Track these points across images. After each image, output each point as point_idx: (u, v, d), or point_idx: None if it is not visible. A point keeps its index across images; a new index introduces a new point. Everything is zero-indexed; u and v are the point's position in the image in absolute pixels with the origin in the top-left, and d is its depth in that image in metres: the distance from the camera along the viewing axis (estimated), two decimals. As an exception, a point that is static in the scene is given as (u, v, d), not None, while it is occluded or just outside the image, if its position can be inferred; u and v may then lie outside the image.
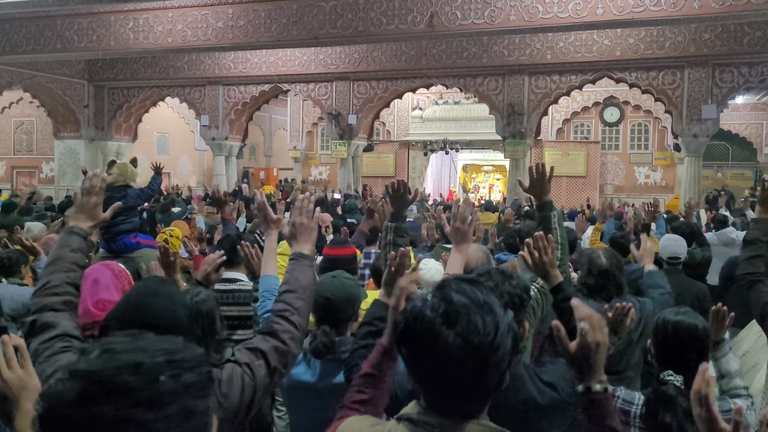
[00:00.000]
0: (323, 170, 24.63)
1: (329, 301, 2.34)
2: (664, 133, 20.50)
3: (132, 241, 4.79)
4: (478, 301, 1.17)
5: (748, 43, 12.29)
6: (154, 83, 17.17)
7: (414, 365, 1.18)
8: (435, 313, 1.15)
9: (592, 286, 2.86)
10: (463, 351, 1.12)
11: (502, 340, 1.15)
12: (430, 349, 1.14)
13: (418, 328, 1.16)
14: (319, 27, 11.62)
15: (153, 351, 0.85)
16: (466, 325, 1.13)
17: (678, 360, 2.12)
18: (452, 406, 1.18)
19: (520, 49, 13.85)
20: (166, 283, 1.90)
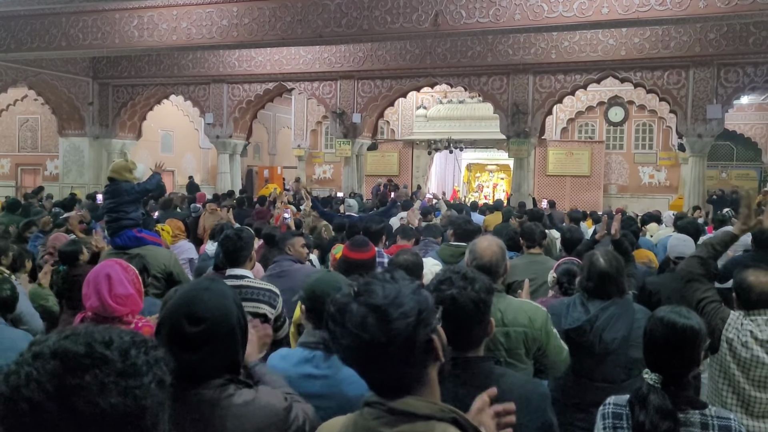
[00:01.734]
0: (327, 169, 24.65)
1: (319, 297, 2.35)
2: (669, 133, 20.46)
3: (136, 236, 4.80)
4: (384, 279, 1.27)
5: (753, 43, 12.26)
6: (159, 81, 17.20)
7: (337, 345, 1.26)
8: (345, 297, 1.27)
9: (592, 289, 2.85)
10: (366, 315, 1.21)
11: (404, 299, 1.23)
12: (341, 322, 1.23)
13: (331, 309, 1.27)
14: (323, 25, 11.62)
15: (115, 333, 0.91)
16: (368, 294, 1.24)
17: (658, 359, 2.12)
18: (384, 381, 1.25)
19: (524, 49, 13.83)
20: (216, 281, 1.92)
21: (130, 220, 4.80)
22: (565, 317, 2.85)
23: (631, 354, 2.75)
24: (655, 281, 4.52)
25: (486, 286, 1.97)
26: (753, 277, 2.78)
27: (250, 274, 3.63)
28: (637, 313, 2.84)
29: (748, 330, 2.69)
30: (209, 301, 1.71)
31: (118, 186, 4.89)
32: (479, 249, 2.86)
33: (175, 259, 4.79)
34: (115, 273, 2.52)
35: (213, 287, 1.79)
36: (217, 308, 1.71)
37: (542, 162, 18.85)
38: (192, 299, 1.73)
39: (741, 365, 2.70)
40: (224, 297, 1.76)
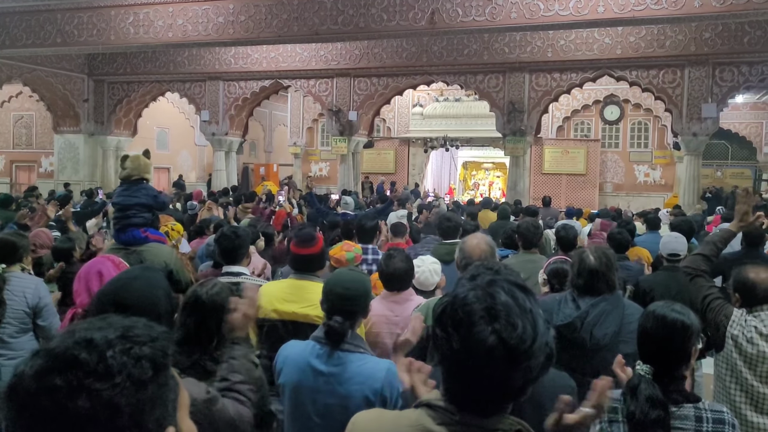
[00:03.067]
0: (323, 166, 24.65)
1: (348, 291, 2.36)
2: (664, 132, 20.51)
3: (141, 235, 4.81)
4: (523, 307, 1.17)
5: (748, 42, 12.30)
6: (154, 78, 17.17)
7: (446, 349, 1.18)
8: (479, 304, 1.16)
9: (582, 286, 2.87)
10: (495, 348, 1.12)
11: (538, 351, 1.14)
12: (465, 337, 1.14)
13: (459, 314, 1.16)
14: (320, 23, 11.61)
15: (110, 329, 0.93)
16: (505, 324, 1.13)
17: (652, 352, 2.14)
18: (469, 400, 1.19)
19: (521, 47, 13.85)
20: (150, 269, 1.96)
21: (141, 218, 4.81)
22: (557, 314, 2.87)
23: (622, 349, 2.76)
24: (649, 279, 4.55)
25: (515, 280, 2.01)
26: (755, 275, 2.81)
27: (246, 271, 3.65)
28: (627, 308, 2.86)
29: (752, 326, 2.71)
30: (137, 289, 1.78)
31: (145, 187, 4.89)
32: (468, 248, 2.87)
33: (176, 257, 4.81)
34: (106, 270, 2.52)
35: (143, 276, 1.85)
36: (145, 296, 1.77)
37: (538, 160, 18.88)
38: (120, 286, 1.80)
39: (747, 361, 2.71)
40: (153, 286, 1.81)
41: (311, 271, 3.23)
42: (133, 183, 4.84)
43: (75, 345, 0.89)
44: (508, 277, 1.26)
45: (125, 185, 4.86)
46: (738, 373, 2.74)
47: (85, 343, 0.89)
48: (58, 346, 0.89)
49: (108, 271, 2.68)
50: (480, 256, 2.78)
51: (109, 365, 0.88)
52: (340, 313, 2.32)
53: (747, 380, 2.71)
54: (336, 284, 2.40)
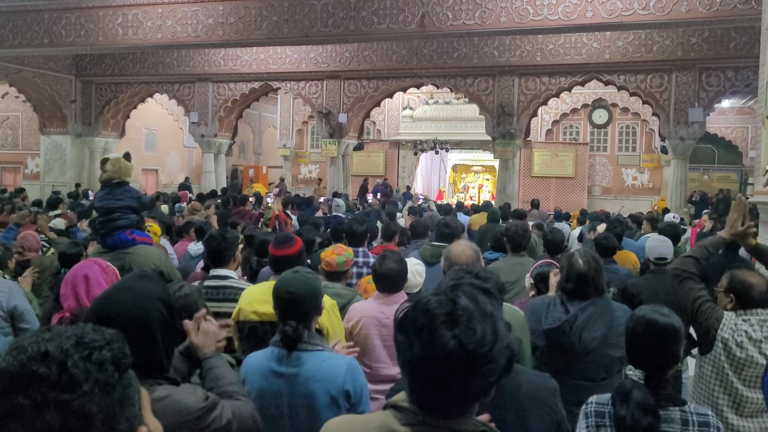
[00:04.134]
0: (313, 168, 24.61)
1: (293, 295, 2.36)
2: (652, 136, 20.66)
3: (128, 237, 4.76)
4: (484, 311, 1.18)
5: (734, 48, 12.42)
6: (143, 79, 17.08)
7: (407, 354, 1.20)
8: (439, 310, 1.18)
9: (571, 290, 2.88)
10: (455, 353, 1.14)
11: (498, 355, 1.16)
12: (426, 342, 1.16)
13: (419, 320, 1.18)
14: (310, 25, 11.60)
15: (61, 338, 0.91)
16: (465, 329, 1.15)
17: (642, 357, 2.16)
18: (433, 403, 1.21)
19: (510, 51, 13.91)
20: (146, 278, 1.89)
21: (126, 220, 4.76)
22: (546, 317, 2.88)
23: (610, 353, 2.79)
24: (636, 283, 4.57)
25: (498, 285, 2.06)
26: (752, 277, 2.85)
27: (233, 275, 3.63)
28: (616, 311, 2.88)
29: (743, 330, 2.73)
30: (124, 301, 1.71)
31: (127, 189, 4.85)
32: (454, 254, 2.89)
33: (165, 258, 4.78)
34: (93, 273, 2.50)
35: (134, 287, 1.77)
36: (132, 309, 1.69)
37: (527, 163, 18.96)
38: (106, 299, 1.74)
39: (735, 365, 2.73)
40: (143, 298, 1.73)
41: None
42: (115, 186, 4.80)
43: (30, 360, 0.87)
44: (472, 281, 1.28)
45: (106, 188, 4.82)
46: (724, 376, 2.76)
47: (41, 357, 0.87)
48: (10, 364, 0.87)
49: (95, 275, 2.66)
50: (466, 262, 2.80)
51: (72, 375, 0.86)
52: (292, 317, 2.32)
53: (732, 383, 2.73)
54: (281, 289, 2.40)
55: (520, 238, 4.64)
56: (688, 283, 2.99)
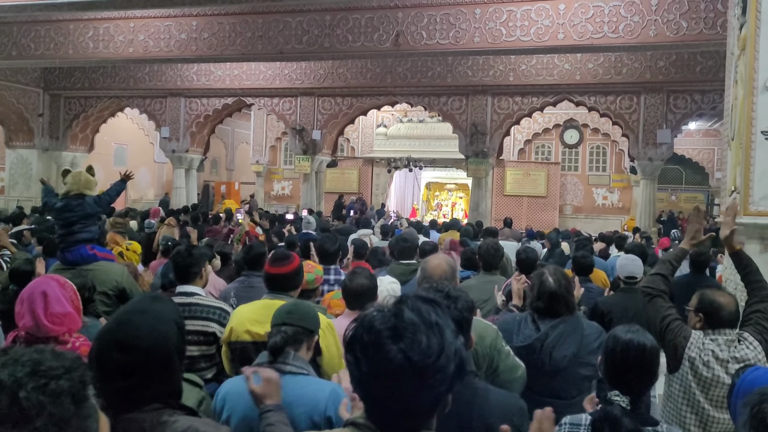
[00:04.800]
0: (286, 185, 24.50)
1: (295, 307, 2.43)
2: (622, 156, 21.02)
3: (89, 253, 4.63)
4: (428, 322, 1.18)
5: (700, 72, 12.72)
6: (114, 93, 16.86)
7: (357, 373, 1.20)
8: (383, 325, 1.17)
9: (542, 308, 2.87)
10: (402, 367, 1.13)
11: (445, 363, 1.15)
12: (373, 359, 1.15)
13: (365, 337, 1.17)
14: (284, 42, 11.59)
15: (16, 365, 0.84)
16: (410, 342, 1.14)
17: (625, 379, 2.14)
18: (388, 419, 1.20)
19: (483, 70, 14.06)
20: (158, 300, 1.80)
21: (87, 233, 4.64)
22: (517, 334, 2.86)
23: (581, 371, 2.77)
24: (607, 301, 4.60)
25: (468, 304, 2.05)
26: (722, 297, 2.85)
27: (201, 292, 3.55)
28: (586, 329, 2.87)
29: (710, 350, 2.73)
30: (143, 326, 1.61)
31: (84, 201, 4.73)
32: (430, 267, 2.86)
33: (128, 275, 4.66)
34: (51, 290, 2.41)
35: (150, 309, 1.68)
36: (151, 334, 1.61)
37: (500, 182, 19.11)
38: (124, 324, 1.63)
39: (702, 384, 2.73)
40: (160, 321, 1.65)
41: (285, 290, 3.17)
42: (72, 199, 4.68)
43: None
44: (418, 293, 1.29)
45: (64, 201, 4.70)
46: (691, 395, 2.76)
47: None
48: None
49: (53, 291, 2.57)
50: (441, 276, 2.77)
51: (24, 408, 0.79)
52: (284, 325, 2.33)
53: (699, 403, 2.73)
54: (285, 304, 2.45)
55: (492, 256, 4.64)
56: (658, 301, 3.00)
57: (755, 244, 4.05)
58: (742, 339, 2.77)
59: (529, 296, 3.03)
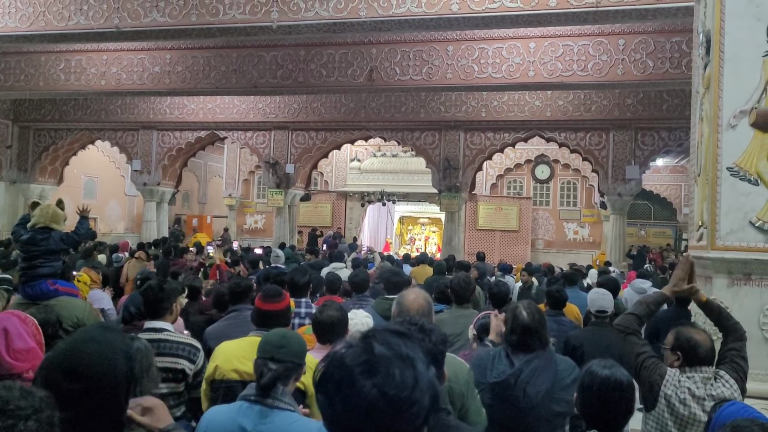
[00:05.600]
0: (259, 219, 24.34)
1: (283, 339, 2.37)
2: (592, 191, 21.36)
3: (50, 288, 4.50)
4: (400, 355, 1.16)
5: (666, 109, 13.07)
6: (84, 126, 16.69)
7: (329, 412, 1.16)
8: (355, 361, 1.14)
9: (516, 342, 2.86)
10: (377, 402, 1.10)
11: (420, 395, 1.13)
12: (346, 396, 1.12)
13: (336, 375, 1.15)
14: (258, 76, 11.64)
15: None
16: (384, 376, 1.12)
17: (603, 417, 2.12)
18: None
19: (456, 106, 14.26)
20: (109, 329, 1.74)
21: (49, 268, 4.51)
22: (491, 370, 2.84)
23: (554, 407, 2.75)
24: (579, 335, 4.60)
25: (442, 338, 2.03)
26: (698, 335, 2.84)
27: (170, 327, 3.46)
28: (559, 365, 2.85)
29: (686, 387, 2.72)
30: (92, 354, 1.56)
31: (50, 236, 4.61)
32: (406, 302, 2.84)
33: (89, 311, 4.54)
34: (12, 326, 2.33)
35: (101, 338, 1.63)
36: (101, 363, 1.55)
37: (473, 216, 19.23)
38: (74, 352, 1.57)
39: (678, 422, 2.71)
40: (112, 350, 1.60)
41: (276, 327, 3.11)
42: (38, 232, 4.57)
43: None
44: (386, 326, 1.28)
45: (30, 233, 4.59)
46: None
47: None
48: None
49: (15, 327, 2.48)
50: (417, 310, 2.75)
51: None
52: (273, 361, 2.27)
53: None
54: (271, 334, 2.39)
55: (464, 290, 4.63)
56: (632, 338, 3.02)
57: (723, 278, 4.10)
58: (718, 377, 2.77)
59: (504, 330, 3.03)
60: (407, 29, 8.40)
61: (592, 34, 10.10)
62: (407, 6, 7.71)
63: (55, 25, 9.08)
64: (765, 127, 4.08)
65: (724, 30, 4.21)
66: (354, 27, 8.16)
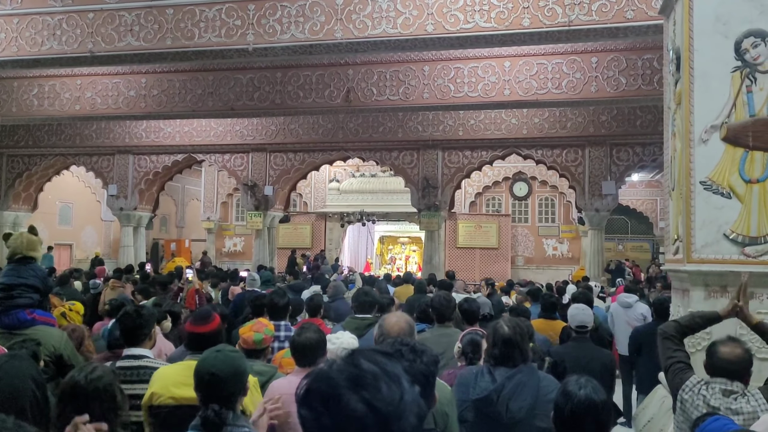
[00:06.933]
0: (238, 242, 24.16)
1: (215, 377, 2.25)
2: (569, 207, 21.56)
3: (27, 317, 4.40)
4: (386, 371, 1.16)
5: (640, 125, 13.28)
6: (59, 151, 16.48)
7: (315, 428, 1.14)
8: (341, 375, 1.13)
9: (498, 356, 2.87)
10: (365, 417, 1.09)
11: (407, 411, 1.13)
12: (334, 411, 1.10)
13: (323, 389, 1.13)
14: (235, 98, 11.62)
15: None
16: (372, 390, 1.11)
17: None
18: None
19: (433, 125, 14.35)
20: (16, 357, 1.73)
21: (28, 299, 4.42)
22: (473, 387, 2.83)
23: (537, 423, 2.75)
24: (560, 351, 4.60)
25: (434, 358, 2.04)
26: (725, 348, 2.88)
27: (149, 354, 3.41)
28: (542, 381, 2.86)
29: (702, 394, 2.79)
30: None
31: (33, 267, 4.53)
32: (387, 325, 2.83)
33: (66, 341, 4.44)
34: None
35: (7, 366, 1.64)
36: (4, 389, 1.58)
37: (452, 234, 19.29)
38: None
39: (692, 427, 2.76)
40: (17, 377, 1.62)
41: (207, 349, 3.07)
42: (20, 262, 4.49)
43: None
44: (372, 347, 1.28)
45: (11, 265, 4.51)
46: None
47: None
48: None
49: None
50: (399, 333, 2.74)
51: None
52: (215, 400, 2.19)
53: None
54: (203, 370, 2.28)
55: (445, 308, 4.62)
56: (667, 342, 3.11)
57: (700, 290, 4.14)
58: (748, 393, 2.77)
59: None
60: (383, 50, 8.47)
61: (565, 53, 10.26)
62: (383, 27, 7.77)
63: (28, 51, 8.99)
64: (736, 142, 4.16)
65: (693, 47, 4.31)
66: (330, 48, 8.20)
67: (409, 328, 2.88)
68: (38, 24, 8.91)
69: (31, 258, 4.58)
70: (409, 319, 3.01)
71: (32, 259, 4.59)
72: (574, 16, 7.18)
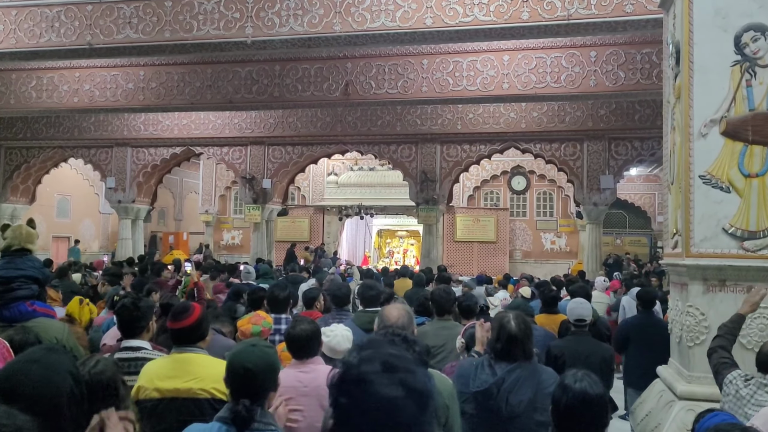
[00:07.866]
0: (236, 234, 24.16)
1: (249, 372, 2.23)
2: (567, 202, 21.59)
3: (28, 309, 4.41)
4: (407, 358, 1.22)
5: (639, 120, 13.28)
6: (57, 144, 16.45)
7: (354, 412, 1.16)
8: (374, 361, 1.17)
9: (500, 350, 2.88)
10: (403, 397, 1.13)
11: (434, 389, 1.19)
12: (372, 394, 1.14)
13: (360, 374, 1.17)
14: (234, 91, 11.60)
15: None
16: (406, 373, 1.16)
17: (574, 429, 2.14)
18: None
19: (432, 119, 14.34)
20: (54, 351, 1.72)
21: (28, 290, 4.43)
22: (473, 379, 2.84)
23: (537, 417, 2.76)
24: (560, 345, 4.63)
25: (425, 348, 2.06)
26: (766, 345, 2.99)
27: (147, 346, 3.42)
28: (542, 374, 2.87)
29: (736, 384, 2.88)
30: (33, 375, 1.56)
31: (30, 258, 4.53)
32: (387, 315, 2.84)
33: (68, 332, 4.45)
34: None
35: (44, 359, 1.63)
36: (41, 384, 1.55)
37: (450, 228, 19.30)
38: (13, 373, 1.58)
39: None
40: (54, 371, 1.60)
41: (192, 342, 3.08)
42: (16, 254, 4.49)
43: None
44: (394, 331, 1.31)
45: (7, 257, 4.51)
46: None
47: None
48: None
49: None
50: (398, 320, 2.76)
51: None
52: (246, 395, 2.18)
53: None
54: (237, 364, 2.27)
55: (445, 301, 4.63)
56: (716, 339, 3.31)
57: (698, 285, 4.15)
58: None
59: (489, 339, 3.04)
60: (382, 43, 8.45)
61: (564, 47, 10.25)
62: (381, 21, 7.75)
63: (26, 43, 8.96)
64: (735, 136, 4.16)
65: (693, 41, 4.30)
66: (329, 42, 8.17)
67: (408, 317, 2.89)
68: (37, 16, 8.88)
69: (27, 250, 4.58)
70: (408, 308, 3.03)
71: (28, 252, 4.59)
72: (573, 10, 7.17)
